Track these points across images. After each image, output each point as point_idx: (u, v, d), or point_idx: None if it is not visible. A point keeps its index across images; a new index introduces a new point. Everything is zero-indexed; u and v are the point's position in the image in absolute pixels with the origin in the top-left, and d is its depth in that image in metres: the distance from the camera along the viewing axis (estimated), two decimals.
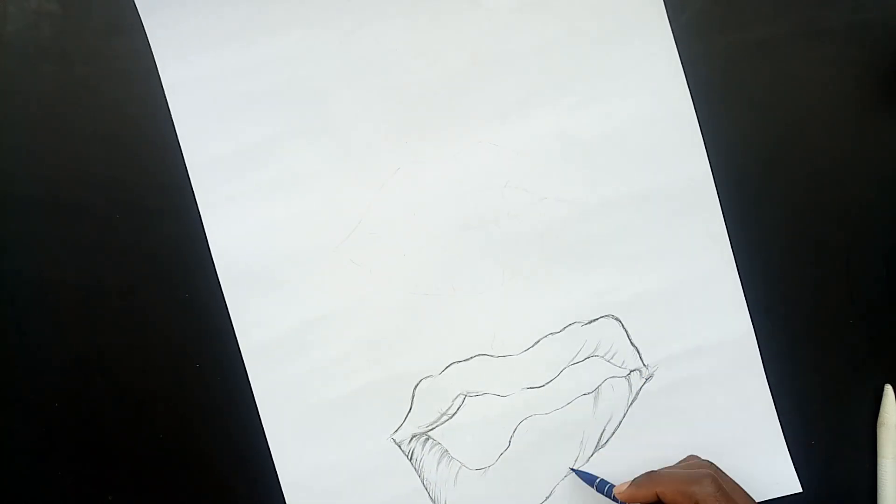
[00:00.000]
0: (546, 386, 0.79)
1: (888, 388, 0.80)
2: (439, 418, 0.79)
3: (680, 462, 0.78)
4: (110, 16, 0.79)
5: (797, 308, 0.80)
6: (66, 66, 0.79)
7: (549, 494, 0.79)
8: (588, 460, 0.80)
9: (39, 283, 0.79)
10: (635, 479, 0.74)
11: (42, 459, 0.80)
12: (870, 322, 0.82)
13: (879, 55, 0.82)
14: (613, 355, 0.80)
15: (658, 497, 0.72)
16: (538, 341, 0.80)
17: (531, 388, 0.79)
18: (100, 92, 0.79)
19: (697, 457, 0.77)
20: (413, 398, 0.80)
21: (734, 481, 0.72)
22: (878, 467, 0.80)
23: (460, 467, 0.79)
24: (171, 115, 0.79)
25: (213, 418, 0.80)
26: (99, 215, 0.79)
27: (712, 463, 0.74)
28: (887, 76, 0.82)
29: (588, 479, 0.78)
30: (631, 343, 0.80)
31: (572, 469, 0.79)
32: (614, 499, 0.75)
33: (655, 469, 0.75)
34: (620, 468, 0.79)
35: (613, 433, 0.80)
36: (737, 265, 0.80)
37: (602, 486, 0.76)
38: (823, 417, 0.81)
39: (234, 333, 0.79)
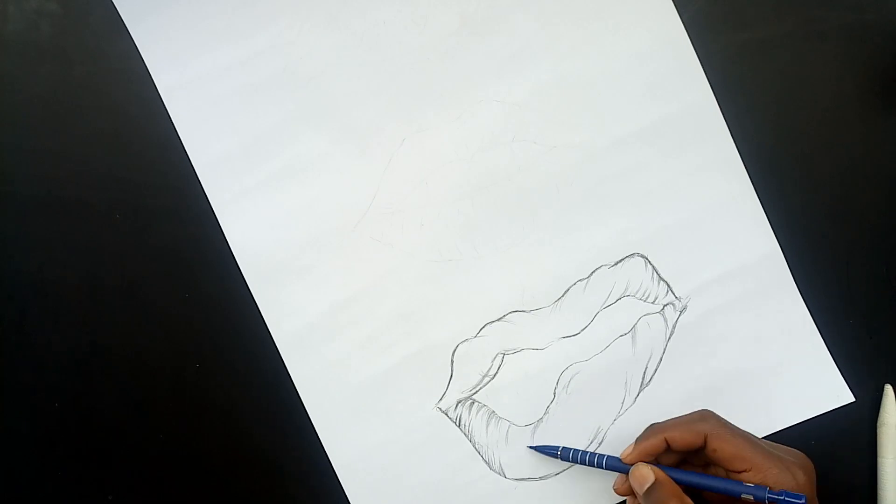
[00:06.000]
0: (582, 333, 0.80)
1: (888, 388, 0.81)
2: (481, 380, 0.80)
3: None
4: (110, 16, 0.79)
5: None
6: (66, 66, 0.79)
7: (602, 440, 0.80)
8: (635, 401, 0.80)
9: (40, 283, 0.80)
10: (638, 437, 0.74)
11: (42, 459, 0.80)
12: (870, 322, 0.82)
13: (879, 55, 0.82)
14: (645, 293, 0.80)
15: (667, 444, 0.73)
16: (568, 290, 0.80)
17: (568, 336, 0.80)
18: (100, 92, 0.79)
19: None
20: (452, 364, 0.80)
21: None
22: (879, 467, 0.80)
23: (509, 426, 0.80)
24: (170, 117, 0.79)
25: (215, 417, 0.80)
26: (99, 214, 0.80)
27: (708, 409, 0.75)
28: (887, 76, 0.82)
29: (574, 456, 0.78)
30: (660, 278, 0.80)
31: (531, 447, 0.80)
32: (608, 466, 0.76)
33: (655, 422, 0.75)
34: (668, 404, 0.80)
35: (656, 370, 0.80)
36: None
37: (599, 461, 0.76)
38: (824, 417, 0.81)
39: (237, 332, 0.80)
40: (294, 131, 0.79)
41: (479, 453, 0.80)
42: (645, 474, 0.72)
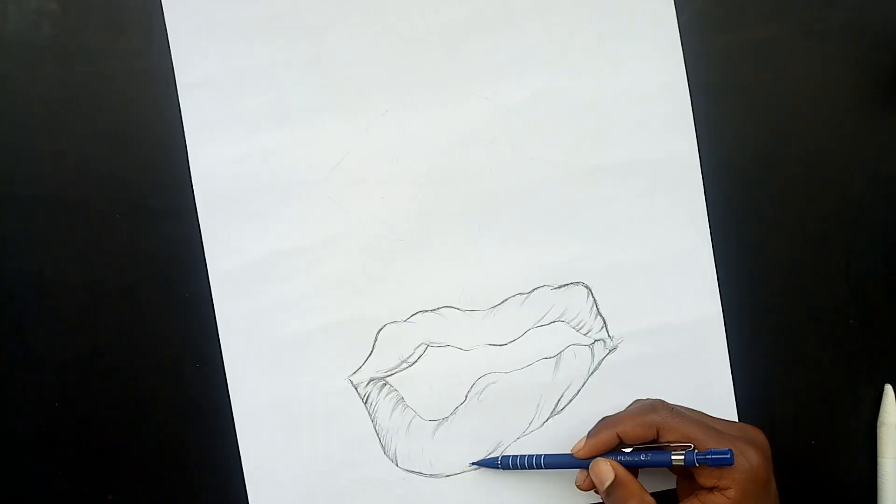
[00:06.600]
0: (508, 345, 0.81)
1: (888, 388, 0.79)
2: (399, 365, 0.81)
3: (627, 408, 0.77)
4: (110, 15, 0.80)
5: (797, 307, 0.79)
6: (67, 66, 0.80)
7: (501, 455, 0.80)
8: (543, 425, 0.81)
9: (40, 283, 0.80)
10: (590, 431, 0.75)
11: (42, 459, 0.81)
12: (870, 322, 0.79)
13: (879, 55, 0.81)
14: (579, 323, 0.81)
15: (619, 439, 0.73)
16: (506, 300, 0.81)
17: (493, 345, 0.81)
18: (100, 92, 0.80)
19: (640, 399, 0.78)
20: (375, 342, 0.81)
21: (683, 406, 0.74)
22: (878, 467, 0.79)
23: (414, 416, 0.80)
24: (173, 115, 0.80)
25: (214, 418, 0.81)
26: (99, 214, 0.80)
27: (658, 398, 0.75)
28: (887, 76, 0.81)
29: (519, 462, 0.78)
30: (598, 312, 0.80)
31: (474, 463, 0.81)
32: (558, 465, 0.76)
33: (606, 416, 0.76)
34: (573, 436, 0.77)
35: (571, 400, 0.80)
36: (736, 263, 0.81)
37: (547, 461, 0.77)
38: (823, 417, 0.80)
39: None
40: (281, 74, 0.80)
41: (378, 435, 0.80)
42: (605, 470, 0.72)
